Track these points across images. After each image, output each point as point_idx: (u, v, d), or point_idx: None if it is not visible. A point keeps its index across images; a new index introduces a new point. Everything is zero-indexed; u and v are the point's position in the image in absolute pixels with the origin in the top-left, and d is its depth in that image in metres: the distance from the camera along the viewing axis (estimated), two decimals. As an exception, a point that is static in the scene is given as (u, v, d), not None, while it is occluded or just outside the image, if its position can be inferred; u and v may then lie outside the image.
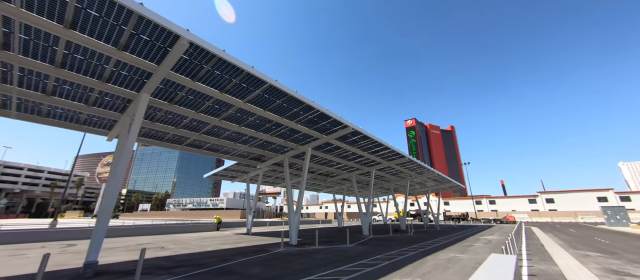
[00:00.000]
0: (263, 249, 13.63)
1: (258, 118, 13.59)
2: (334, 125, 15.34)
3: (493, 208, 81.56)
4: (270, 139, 16.36)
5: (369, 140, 18.27)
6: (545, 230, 29.56)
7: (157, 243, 16.58)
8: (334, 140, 17.17)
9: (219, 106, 12.08)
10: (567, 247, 14.15)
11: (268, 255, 11.61)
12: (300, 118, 13.92)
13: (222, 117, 13.06)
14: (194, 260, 10.31)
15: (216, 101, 11.61)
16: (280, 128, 14.95)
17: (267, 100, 11.94)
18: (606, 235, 21.59)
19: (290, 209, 16.55)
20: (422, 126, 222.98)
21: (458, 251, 12.55)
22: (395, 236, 21.10)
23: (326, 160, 22.55)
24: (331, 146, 18.88)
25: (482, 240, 18.22)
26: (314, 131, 15.90)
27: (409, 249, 13.28)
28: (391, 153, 21.79)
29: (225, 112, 12.61)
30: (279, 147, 18.44)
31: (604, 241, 17.32)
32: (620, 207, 33.21)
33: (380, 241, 17.30)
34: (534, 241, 17.30)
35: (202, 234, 23.33)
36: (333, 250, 12.95)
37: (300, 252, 12.54)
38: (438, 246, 14.60)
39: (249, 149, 17.90)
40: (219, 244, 15.81)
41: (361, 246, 14.72)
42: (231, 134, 15.17)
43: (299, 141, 17.36)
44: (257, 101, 11.92)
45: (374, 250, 13.09)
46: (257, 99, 11.78)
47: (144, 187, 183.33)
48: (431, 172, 30.85)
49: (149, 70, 8.94)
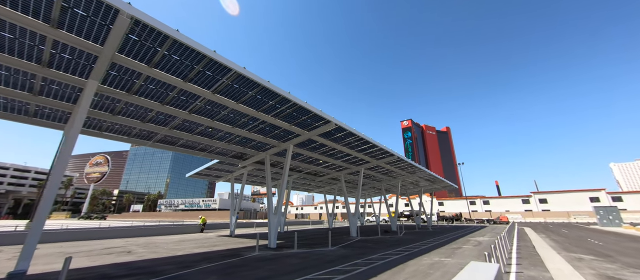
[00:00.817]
0: (236, 253, 12.62)
1: (231, 112, 12.60)
2: (316, 121, 14.42)
3: (487, 208, 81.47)
4: (249, 135, 15.36)
5: (355, 137, 17.39)
6: (537, 230, 29.02)
7: (128, 246, 15.45)
8: (316, 136, 16.25)
9: (186, 97, 11.06)
10: (559, 250, 13.42)
11: (237, 260, 10.62)
12: (277, 112, 12.97)
13: (190, 110, 12.04)
14: (150, 267, 9.27)
15: (181, 91, 10.60)
16: (258, 123, 13.96)
17: (238, 92, 10.96)
18: (599, 236, 21.03)
19: (270, 210, 15.57)
20: (418, 127, 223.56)
21: (444, 255, 11.71)
22: (384, 238, 20.23)
23: (312, 158, 21.62)
24: (315, 143, 17.96)
25: (472, 241, 17.45)
26: (295, 127, 14.96)
27: (393, 252, 12.40)
28: (379, 151, 20.95)
29: (193, 104, 11.59)
30: (260, 145, 17.45)
31: (597, 242, 16.68)
32: (613, 207, 32.89)
33: (365, 243, 16.41)
34: (526, 243, 16.59)
35: (182, 237, 22.18)
36: (311, 255, 12.00)
37: (275, 256, 11.57)
38: (425, 249, 13.76)
39: (227, 146, 16.88)
40: (192, 248, 14.74)
41: (343, 249, 13.80)
42: (204, 129, 14.14)
43: (280, 138, 16.40)
44: (227, 92, 10.93)
45: (355, 253, 12.18)
46: (227, 90, 10.79)
47: (136, 187, 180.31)
48: (423, 171, 30.12)
49: (93, 52, 7.91)
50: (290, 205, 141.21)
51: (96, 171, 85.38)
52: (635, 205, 62.16)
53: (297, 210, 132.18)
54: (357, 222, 22.80)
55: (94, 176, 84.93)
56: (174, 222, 36.62)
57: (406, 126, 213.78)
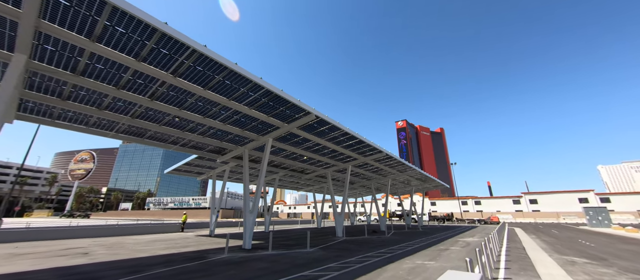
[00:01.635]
0: (202, 255, 11.47)
1: (200, 99, 11.43)
2: (295, 112, 13.35)
3: (478, 208, 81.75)
4: (224, 127, 14.19)
5: (340, 131, 16.38)
6: (528, 231, 28.59)
7: (90, 247, 14.12)
8: (297, 129, 15.18)
9: (143, 81, 9.85)
10: (550, 251, 12.68)
11: (197, 264, 9.49)
12: (251, 101, 11.85)
13: (151, 96, 10.83)
14: (93, 273, 8.09)
15: (136, 73, 9.39)
16: (231, 113, 12.81)
17: (203, 75, 9.81)
18: (590, 237, 20.54)
19: (245, 209, 14.44)
20: (413, 127, 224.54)
21: (428, 257, 10.80)
22: (370, 238, 19.31)
23: (297, 154, 20.54)
24: (298, 138, 16.89)
25: (460, 242, 16.66)
26: (274, 119, 13.87)
27: (374, 255, 11.45)
28: (367, 148, 20.01)
29: (153, 89, 10.39)
30: (238, 138, 16.29)
31: (588, 244, 16.07)
32: (602, 207, 32.78)
33: (348, 245, 15.44)
34: (516, 244, 15.87)
35: (158, 236, 20.85)
36: (284, 257, 10.95)
37: (243, 259, 10.48)
38: (409, 250, 12.85)
39: (202, 139, 15.66)
40: (159, 249, 13.53)
41: (322, 251, 12.79)
42: (172, 119, 12.92)
43: (258, 131, 15.28)
44: (190, 75, 9.77)
45: (332, 256, 11.17)
46: (190, 73, 9.63)
47: (125, 185, 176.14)
48: (413, 170, 29.36)
49: (12, 17, 6.67)
50: (283, 204, 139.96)
51: (81, 168, 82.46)
52: (623, 206, 62.98)
53: (289, 209, 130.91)
54: (343, 221, 21.83)
55: (79, 173, 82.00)
56: (152, 221, 35.05)
57: (401, 126, 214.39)
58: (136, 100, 10.78)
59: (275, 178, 28.55)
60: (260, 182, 14.59)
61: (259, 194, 14.58)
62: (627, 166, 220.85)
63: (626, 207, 62.61)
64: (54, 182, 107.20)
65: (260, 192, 14.68)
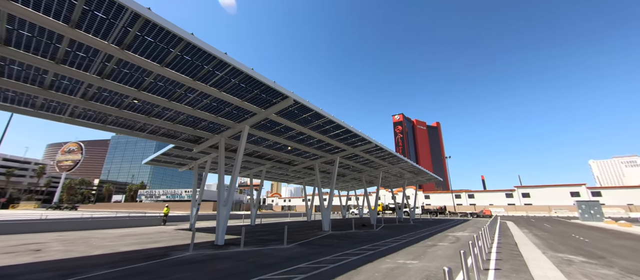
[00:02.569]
0: (165, 253, 10.36)
1: (159, 79, 10.09)
2: (272, 96, 12.09)
3: (472, 202, 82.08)
4: (194, 112, 12.88)
5: (323, 119, 15.19)
6: (520, 225, 28.10)
7: (49, 243, 12.92)
8: (276, 116, 13.95)
9: (84, 53, 8.47)
10: (544, 248, 11.86)
11: (152, 264, 8.38)
12: (219, 81, 10.54)
13: (99, 73, 9.45)
14: (20, 276, 6.92)
15: (73, 44, 8.00)
16: (197, 95, 11.50)
17: (155, 48, 8.45)
18: (583, 232, 19.95)
19: (219, 201, 13.30)
20: (409, 121, 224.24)
21: (412, 255, 9.84)
22: (356, 233, 18.42)
23: (280, 144, 19.34)
24: (279, 126, 15.67)
25: (450, 237, 15.83)
26: (249, 104, 12.60)
27: (355, 252, 10.47)
28: (355, 138, 18.88)
29: (98, 65, 9.01)
30: (213, 126, 15.00)
31: (583, 239, 15.37)
32: (595, 201, 32.46)
33: (331, 240, 14.48)
34: (508, 239, 15.08)
35: (133, 230, 19.70)
36: (254, 255, 9.90)
37: (208, 257, 9.40)
38: (394, 247, 11.91)
39: (172, 126, 14.34)
40: (124, 244, 12.40)
41: (300, 247, 11.78)
42: (132, 102, 11.55)
43: (234, 117, 14.01)
44: (140, 49, 8.41)
45: (309, 253, 10.16)
46: (138, 46, 8.27)
47: (118, 177, 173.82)
48: (405, 162, 28.45)
49: None
50: (278, 197, 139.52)
51: (69, 159, 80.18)
52: (614, 200, 63.52)
53: (284, 202, 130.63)
54: (330, 215, 20.89)
55: (66, 164, 79.77)
56: (130, 214, 33.78)
57: (397, 120, 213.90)
58: (81, 78, 9.39)
59: (262, 170, 27.42)
60: (234, 173, 13.40)
61: (234, 185, 13.42)
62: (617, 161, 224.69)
63: (617, 201, 63.17)
64: (43, 173, 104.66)
65: (236, 182, 13.52)
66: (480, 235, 9.65)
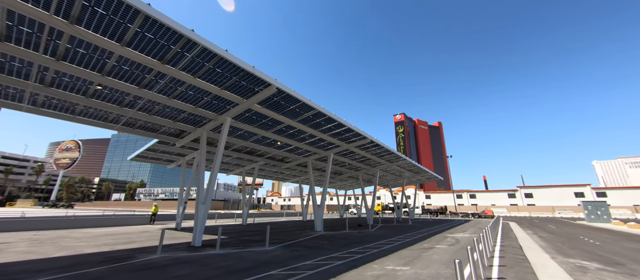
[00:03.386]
0: (130, 255, 9.35)
1: (123, 62, 9.07)
2: (253, 83, 11.03)
3: (473, 202, 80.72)
4: (170, 102, 11.85)
5: (313, 111, 14.10)
6: (523, 226, 26.90)
7: (14, 242, 11.98)
8: (259, 107, 12.90)
9: (31, 29, 7.44)
10: (552, 252, 10.73)
11: (110, 268, 7.37)
12: (190, 65, 9.49)
13: (52, 53, 8.42)
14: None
15: (11, 16, 6.98)
16: (169, 81, 10.47)
17: (111, 24, 7.42)
18: (592, 234, 18.75)
19: (198, 199, 12.27)
20: (411, 121, 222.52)
21: (404, 260, 8.76)
22: (349, 234, 17.35)
23: (270, 139, 18.28)
24: (266, 119, 14.61)
25: (449, 239, 14.72)
26: (229, 93, 11.55)
27: (341, 255, 9.40)
28: (349, 132, 17.79)
29: (45, 41, 7.97)
30: (193, 117, 13.98)
31: (592, 242, 14.20)
32: (602, 202, 31.14)
33: (319, 241, 13.42)
34: (511, 242, 13.95)
35: (114, 229, 18.76)
36: (227, 259, 8.87)
37: (174, 261, 8.37)
38: (386, 250, 10.84)
39: (148, 117, 13.32)
40: (94, 245, 11.43)
41: (283, 249, 10.74)
42: (96, 88, 10.52)
43: (214, 108, 12.97)
44: (92, 24, 7.38)
45: (288, 258, 9.11)
46: (90, 19, 7.24)
47: (118, 175, 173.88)
48: (404, 160, 27.32)
49: None
50: (278, 196, 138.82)
51: (66, 157, 79.65)
52: (619, 201, 61.98)
53: (284, 201, 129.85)
54: (322, 214, 19.82)
55: (64, 162, 79.26)
56: (116, 213, 32.84)
57: (399, 120, 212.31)
58: (31, 58, 8.37)
59: (254, 167, 26.41)
60: (214, 169, 12.36)
61: (214, 181, 12.38)
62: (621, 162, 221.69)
63: (622, 201, 61.64)
64: (41, 171, 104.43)
65: (215, 179, 12.48)
66: (481, 237, 8.56)
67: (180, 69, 9.59)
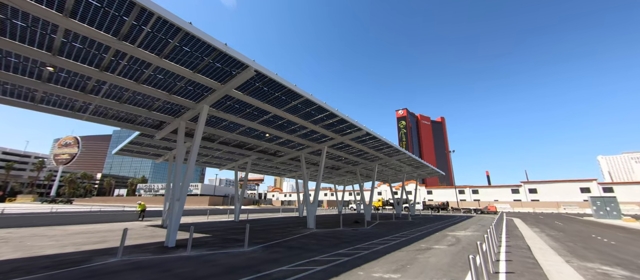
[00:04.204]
0: (90, 257, 8.32)
1: (73, 38, 7.88)
2: (230, 65, 9.82)
3: (476, 198, 79.36)
4: (139, 87, 10.69)
5: (300, 99, 12.86)
6: (528, 222, 25.64)
7: (-25, 241, 11.05)
8: (240, 93, 11.70)
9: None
10: (566, 254, 9.52)
11: (52, 275, 6.30)
12: (151, 42, 8.29)
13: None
14: None
15: None
16: (133, 63, 9.28)
17: (44, -13, 6.21)
18: (604, 232, 17.48)
19: (173, 195, 11.19)
20: (413, 116, 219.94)
21: (396, 264, 7.61)
22: (343, 231, 16.27)
23: (258, 131, 17.10)
24: (250, 108, 13.41)
25: (449, 238, 13.55)
26: (203, 76, 10.36)
27: (327, 258, 8.28)
28: (341, 123, 16.55)
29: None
30: (169, 106, 12.84)
31: (608, 241, 12.95)
32: (612, 197, 29.73)
33: (307, 240, 12.33)
34: (517, 241, 12.75)
35: (97, 226, 17.88)
36: (194, 262, 7.79)
37: (132, 266, 7.31)
38: (378, 250, 9.70)
39: (118, 105, 12.17)
40: (63, 245, 10.50)
41: (263, 250, 9.65)
42: (48, 71, 9.37)
43: (191, 95, 11.80)
44: (22, -14, 6.18)
45: (266, 261, 8.02)
46: (18, -20, 6.03)
47: (119, 171, 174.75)
48: (403, 154, 26.06)
49: None
50: (279, 192, 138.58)
51: (65, 152, 79.43)
52: (626, 196, 60.26)
53: (285, 197, 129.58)
54: (315, 211, 18.73)
55: (63, 158, 79.06)
56: (102, 209, 32.00)
57: (401, 115, 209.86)
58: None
59: (247, 162, 25.34)
60: (190, 160, 11.23)
61: (190, 175, 11.28)
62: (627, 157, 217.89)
63: (629, 197, 59.93)
64: (42, 167, 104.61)
65: (191, 173, 11.37)
66: (484, 238, 7.38)
67: (141, 47, 8.39)
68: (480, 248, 5.62)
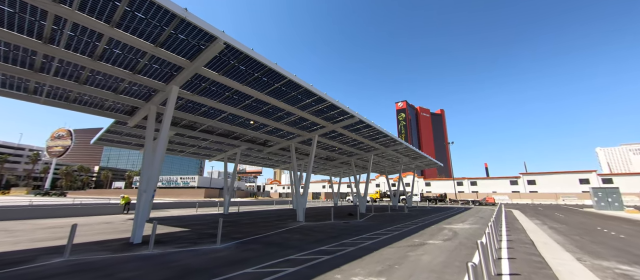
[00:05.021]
0: (35, 257, 7.27)
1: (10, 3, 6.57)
2: (196, 37, 8.54)
3: (474, 189, 78.93)
4: (97, 65, 9.43)
5: (283, 80, 11.61)
6: (528, 214, 24.83)
7: None
8: (211, 72, 10.44)
9: None
10: (574, 249, 8.53)
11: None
12: (93, 6, 6.98)
13: None
14: None
15: None
16: (79, 34, 7.98)
17: None
18: (608, 223, 16.58)
19: (140, 187, 10.09)
20: (413, 109, 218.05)
21: (383, 264, 6.58)
22: (332, 225, 15.31)
23: (242, 118, 15.89)
24: (229, 91, 12.18)
25: (445, 231, 12.58)
26: (166, 51, 9.10)
27: (304, 256, 7.25)
28: (332, 110, 15.34)
29: None
30: (137, 89, 11.58)
31: (615, 234, 12.01)
32: (614, 188, 28.88)
33: (290, 235, 11.34)
34: (519, 235, 11.79)
35: (78, 220, 16.87)
36: (151, 262, 6.75)
37: (72, 268, 6.27)
38: (366, 246, 8.69)
39: (78, 87, 10.90)
40: (16, 242, 9.47)
41: (236, 248, 8.64)
42: (-12, 43, 8.08)
43: (160, 76, 10.56)
44: None
45: (234, 261, 7.00)
46: None
47: (117, 164, 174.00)
48: (399, 144, 24.96)
49: None
50: (278, 184, 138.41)
51: (58, 144, 78.12)
52: (626, 187, 59.69)
53: (283, 189, 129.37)
54: (305, 203, 17.75)
55: (56, 150, 77.83)
56: (83, 202, 30.98)
57: (401, 107, 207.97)
58: None
59: (236, 152, 24.22)
60: (158, 147, 10.07)
61: (158, 165, 10.15)
62: (625, 149, 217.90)
63: (629, 188, 59.43)
64: (37, 159, 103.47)
65: (158, 163, 10.23)
66: (485, 233, 6.34)
67: (84, 12, 7.08)
68: (480, 246, 4.54)
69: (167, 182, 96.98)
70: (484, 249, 4.51)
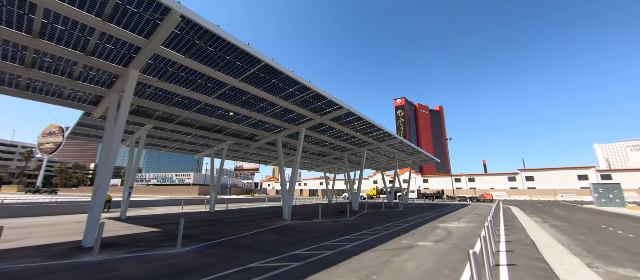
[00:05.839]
0: (-54, 264, 6.14)
1: None
2: (150, 10, 7.35)
3: (472, 186, 78.29)
4: (39, 44, 8.24)
5: (259, 64, 10.45)
6: (527, 211, 23.92)
7: None
8: (173, 53, 9.26)
9: None
10: (582, 252, 7.50)
11: None
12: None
13: None
14: None
15: None
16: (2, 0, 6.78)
17: None
18: (613, 222, 15.63)
19: (95, 186, 8.97)
20: (412, 106, 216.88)
21: (361, 273, 5.51)
22: (319, 223, 14.26)
23: (222, 110, 14.72)
24: (202, 78, 11.00)
25: (439, 231, 11.55)
26: (116, 27, 7.95)
27: (273, 263, 6.18)
28: (319, 100, 14.19)
29: None
30: (96, 75, 10.38)
31: (623, 233, 11.01)
32: (616, 185, 28.01)
33: (267, 237, 10.27)
34: (519, 234, 10.78)
35: (45, 220, 15.78)
36: (83, 272, 5.65)
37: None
38: (347, 250, 7.63)
39: (27, 72, 9.69)
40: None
41: (197, 253, 7.57)
42: None
43: (118, 59, 9.36)
44: None
45: (187, 269, 5.92)
46: None
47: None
48: (394, 139, 23.89)
49: None
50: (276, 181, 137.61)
51: (50, 141, 76.55)
52: (625, 183, 59.08)
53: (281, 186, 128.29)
54: (292, 201, 16.68)
55: (48, 147, 76.26)
56: (58, 200, 29.73)
57: (399, 104, 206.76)
58: None
59: (223, 148, 23.10)
60: (114, 138, 8.92)
61: (112, 159, 9.02)
62: (623, 145, 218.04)
63: (628, 184, 58.82)
64: (30, 156, 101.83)
65: (113, 157, 9.10)
66: (481, 236, 5.29)
67: None
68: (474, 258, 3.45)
69: (162, 180, 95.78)
70: (477, 260, 3.44)
